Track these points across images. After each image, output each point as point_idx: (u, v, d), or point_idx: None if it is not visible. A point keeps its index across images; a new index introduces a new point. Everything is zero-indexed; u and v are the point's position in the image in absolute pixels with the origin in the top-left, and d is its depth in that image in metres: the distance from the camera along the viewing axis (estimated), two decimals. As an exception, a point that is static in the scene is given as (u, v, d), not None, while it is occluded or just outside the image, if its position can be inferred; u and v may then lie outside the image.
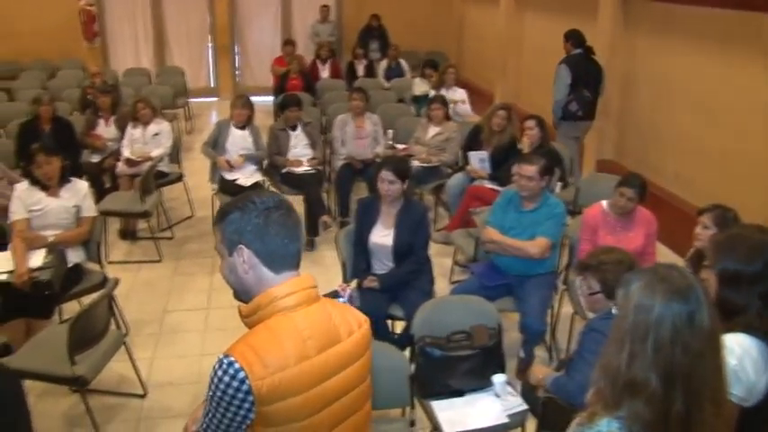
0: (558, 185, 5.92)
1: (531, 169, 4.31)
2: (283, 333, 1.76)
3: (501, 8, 10.54)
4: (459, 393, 3.41)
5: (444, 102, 6.89)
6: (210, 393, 1.74)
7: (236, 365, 1.69)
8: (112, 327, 4.07)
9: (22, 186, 4.67)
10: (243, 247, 1.81)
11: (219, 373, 1.70)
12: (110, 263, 5.66)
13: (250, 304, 1.83)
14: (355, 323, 1.94)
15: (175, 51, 13.18)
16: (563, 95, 6.89)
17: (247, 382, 1.68)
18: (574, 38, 7.03)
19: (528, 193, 4.36)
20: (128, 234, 6.55)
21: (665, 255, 5.45)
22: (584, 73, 6.90)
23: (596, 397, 1.70)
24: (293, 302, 1.80)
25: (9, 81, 11.03)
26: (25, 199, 4.57)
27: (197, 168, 7.86)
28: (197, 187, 7.27)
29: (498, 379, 3.39)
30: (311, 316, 1.82)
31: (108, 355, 3.92)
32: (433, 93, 8.07)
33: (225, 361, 1.70)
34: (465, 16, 13.00)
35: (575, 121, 7.02)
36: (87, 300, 4.58)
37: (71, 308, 4.94)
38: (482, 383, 3.44)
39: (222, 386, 1.70)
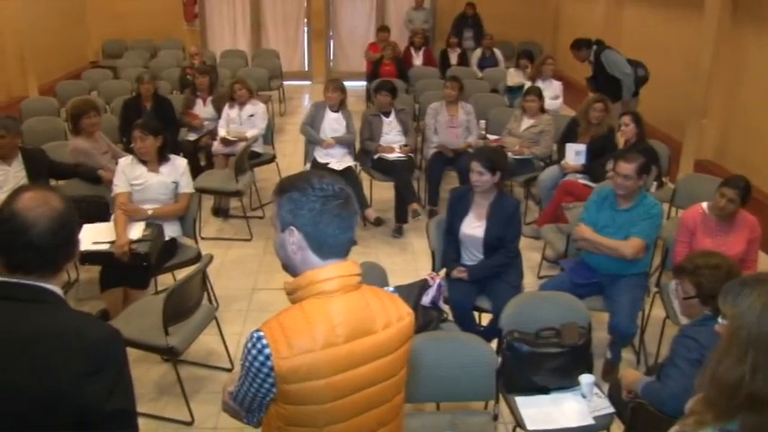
0: (654, 185, 5.75)
1: (628, 167, 4.19)
2: (315, 317, 1.77)
3: (601, 1, 10.28)
4: (545, 391, 3.37)
5: (540, 94, 6.77)
6: (243, 362, 1.79)
7: (264, 341, 1.73)
8: (205, 301, 4.19)
9: (126, 161, 4.85)
10: (294, 229, 1.82)
11: (249, 345, 1.76)
12: (202, 239, 5.81)
13: (292, 283, 1.86)
14: (395, 316, 1.91)
15: (271, 34, 13.40)
16: (630, 69, 7.26)
17: (271, 359, 1.72)
18: (584, 43, 7.69)
19: (624, 191, 4.25)
20: (220, 212, 6.73)
21: (766, 263, 5.24)
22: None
23: (704, 406, 1.64)
24: (331, 288, 1.81)
25: (114, 59, 11.50)
26: (128, 173, 4.74)
27: (289, 150, 8.00)
28: (289, 168, 7.37)
29: (586, 379, 3.33)
30: (347, 303, 1.82)
31: (199, 329, 4.04)
32: (528, 84, 7.96)
33: (255, 335, 1.75)
34: (561, 7, 12.73)
35: (633, 97, 7.43)
36: (181, 273, 4.74)
37: (165, 280, 5.12)
38: (568, 382, 3.39)
39: (250, 358, 1.75)
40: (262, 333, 1.75)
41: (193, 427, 3.89)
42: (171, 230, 4.78)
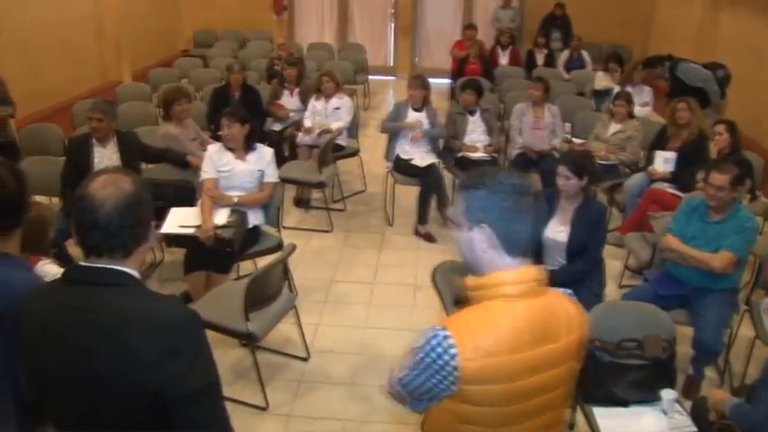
0: (747, 198, 5.54)
1: (721, 179, 4.03)
2: (501, 320, 1.75)
3: (696, 4, 9.94)
4: (624, 404, 3.28)
5: (629, 99, 6.60)
6: (421, 355, 1.77)
7: (451, 341, 1.71)
8: (285, 290, 4.24)
9: (214, 148, 4.95)
10: (486, 226, 1.79)
11: (434, 342, 1.74)
12: (283, 228, 5.89)
13: (478, 280, 1.83)
14: (576, 323, 1.88)
15: (358, 29, 13.47)
16: (709, 74, 7.15)
17: (457, 359, 1.71)
18: (658, 60, 7.68)
19: (716, 203, 4.09)
20: (302, 202, 6.81)
21: None
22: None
23: None
24: (518, 291, 1.78)
25: (204, 49, 11.78)
26: (216, 160, 4.84)
27: (372, 144, 8.03)
28: (371, 163, 7.42)
29: (668, 395, 3.23)
30: (533, 309, 1.79)
31: (279, 317, 4.10)
32: (616, 88, 7.78)
33: (441, 333, 1.73)
34: (655, 10, 12.35)
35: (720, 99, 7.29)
36: (262, 261, 4.83)
37: (246, 266, 5.22)
38: (648, 396, 3.29)
39: (433, 355, 1.74)
40: (449, 332, 1.73)
41: (267, 412, 3.95)
42: (254, 218, 4.85)
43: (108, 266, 1.77)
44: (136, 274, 1.83)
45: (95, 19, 10.02)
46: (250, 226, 4.79)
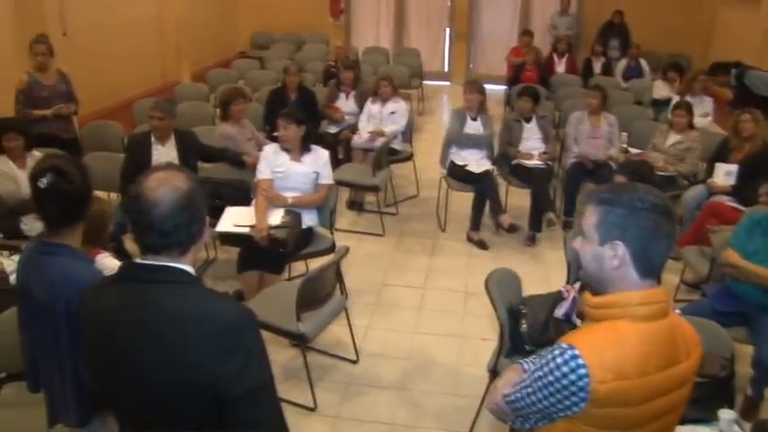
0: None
1: (786, 193, 3.94)
2: (630, 342, 1.71)
3: (762, 9, 9.68)
4: (680, 421, 3.21)
5: (690, 109, 6.47)
6: (540, 373, 1.74)
7: (580, 361, 1.67)
8: (337, 292, 4.26)
9: (270, 148, 5.00)
10: (620, 244, 1.74)
11: (560, 360, 1.70)
12: (336, 230, 5.92)
13: (604, 298, 1.78)
14: (692, 344, 1.85)
15: (413, 33, 13.50)
16: None
17: (586, 380, 1.66)
18: (724, 66, 7.63)
19: (780, 218, 3.99)
20: (355, 205, 6.84)
21: None
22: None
23: None
24: (645, 313, 1.73)
25: (261, 51, 11.94)
26: (271, 160, 4.88)
27: (426, 149, 8.03)
28: (425, 168, 7.41)
29: (726, 415, 3.13)
30: (659, 330, 1.75)
31: (330, 318, 4.12)
32: (675, 98, 7.63)
33: (569, 353, 1.69)
34: (717, 18, 12.07)
35: None
36: (314, 262, 4.85)
37: (299, 267, 5.25)
38: (705, 415, 3.19)
39: (558, 374, 1.69)
40: (577, 351, 1.68)
41: (315, 413, 3.97)
42: (308, 219, 4.88)
43: (165, 264, 1.78)
44: (192, 270, 1.85)
45: (157, 21, 10.26)
46: (304, 227, 4.81)
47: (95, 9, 8.37)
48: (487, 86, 6.96)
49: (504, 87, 10.65)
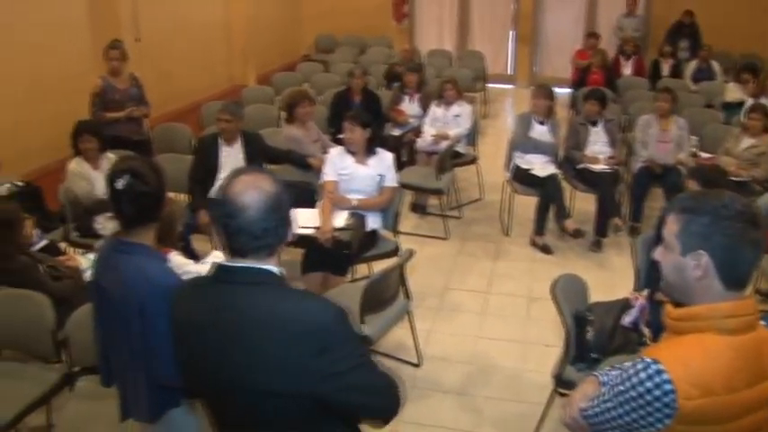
0: None
1: None
2: (717, 357, 1.63)
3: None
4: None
5: (766, 112, 6.28)
6: (622, 388, 1.68)
7: (666, 376, 1.59)
8: (400, 295, 4.25)
9: (336, 151, 5.03)
10: (704, 253, 1.66)
11: (643, 375, 1.63)
12: (399, 233, 5.93)
13: (688, 310, 1.72)
14: None
15: (477, 36, 13.40)
16: None
17: (673, 396, 1.59)
18: None
19: None
20: (418, 208, 6.82)
21: None
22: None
23: None
24: (732, 326, 1.65)
25: (325, 54, 12.04)
26: (337, 163, 4.91)
27: (490, 152, 7.98)
28: (488, 171, 7.35)
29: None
30: (747, 345, 1.66)
31: (393, 321, 4.11)
32: (749, 101, 7.41)
33: (654, 367, 1.62)
34: (793, 18, 11.67)
35: None
36: (377, 264, 4.86)
37: (361, 269, 5.27)
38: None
39: (641, 389, 1.63)
40: (662, 366, 1.61)
41: (377, 416, 3.97)
42: (373, 222, 4.89)
43: (254, 266, 1.80)
44: (278, 271, 1.86)
45: (225, 26, 10.48)
46: (368, 229, 4.83)
47: (166, 15, 8.61)
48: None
49: (568, 90, 10.49)
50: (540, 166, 6.19)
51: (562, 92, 10.28)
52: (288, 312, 1.75)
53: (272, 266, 1.83)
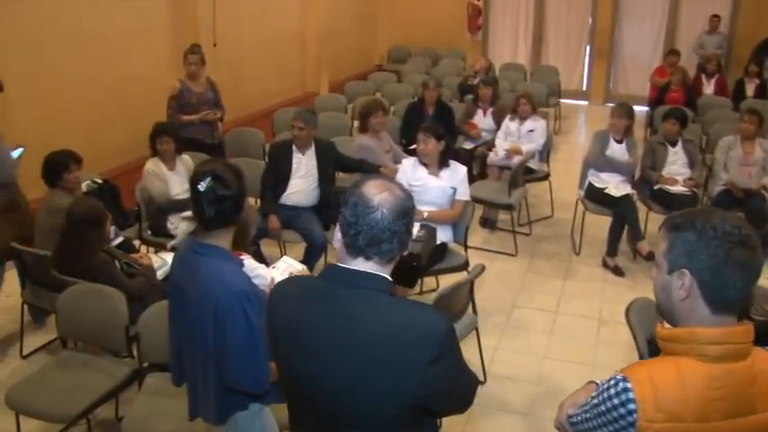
0: None
1: None
2: (692, 383, 1.57)
3: None
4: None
5: None
6: (596, 401, 1.68)
7: (630, 394, 1.58)
8: (469, 310, 4.20)
9: (409, 162, 5.02)
10: (687, 273, 1.61)
11: (612, 391, 1.62)
12: (468, 247, 5.88)
13: (672, 331, 1.67)
14: None
15: (552, 50, 13.20)
16: None
17: (634, 416, 1.57)
18: None
19: None
20: (488, 223, 6.75)
21: None
22: None
23: None
24: (716, 353, 1.58)
25: (398, 64, 12.07)
26: (409, 174, 4.90)
27: (562, 169, 7.86)
28: (560, 188, 7.23)
29: None
30: (731, 374, 1.58)
31: (460, 336, 4.04)
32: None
33: (621, 385, 1.60)
34: None
35: None
36: (445, 278, 4.82)
37: (429, 282, 5.23)
38: None
39: (609, 404, 1.62)
40: (629, 384, 1.59)
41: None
42: (443, 235, 4.85)
43: (372, 272, 1.77)
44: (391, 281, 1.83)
45: (300, 34, 10.61)
46: (438, 242, 4.79)
47: (243, 22, 8.75)
48: (629, 107, 6.72)
49: (644, 108, 10.25)
50: (615, 185, 6.04)
51: (638, 110, 10.07)
52: (405, 321, 1.73)
53: (386, 275, 1.80)
